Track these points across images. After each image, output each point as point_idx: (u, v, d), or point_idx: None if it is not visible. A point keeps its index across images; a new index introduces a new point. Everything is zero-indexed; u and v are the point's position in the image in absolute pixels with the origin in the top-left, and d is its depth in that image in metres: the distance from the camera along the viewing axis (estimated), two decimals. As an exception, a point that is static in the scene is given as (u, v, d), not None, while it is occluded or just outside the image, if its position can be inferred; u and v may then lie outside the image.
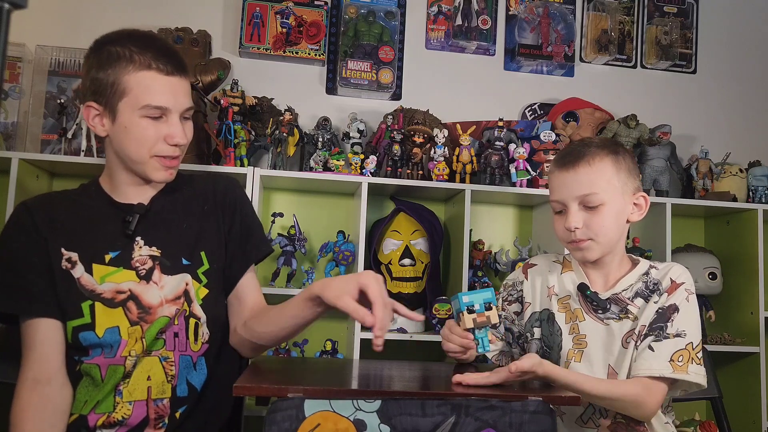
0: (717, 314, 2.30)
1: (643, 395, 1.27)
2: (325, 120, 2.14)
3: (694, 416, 2.18)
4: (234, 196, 1.44)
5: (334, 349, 2.03)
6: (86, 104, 1.31)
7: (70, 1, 2.25)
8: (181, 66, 1.33)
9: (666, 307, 1.34)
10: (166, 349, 1.30)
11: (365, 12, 2.32)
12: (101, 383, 1.28)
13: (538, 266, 1.51)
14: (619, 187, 1.36)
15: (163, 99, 1.28)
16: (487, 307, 1.24)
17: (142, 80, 1.27)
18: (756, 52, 2.67)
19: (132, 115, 1.28)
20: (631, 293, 1.38)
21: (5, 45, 0.58)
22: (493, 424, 1.00)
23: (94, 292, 1.29)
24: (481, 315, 1.24)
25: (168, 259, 1.33)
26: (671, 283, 1.36)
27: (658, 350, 1.30)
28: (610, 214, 1.35)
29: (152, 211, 1.36)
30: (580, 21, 2.54)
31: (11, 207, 1.84)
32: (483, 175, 2.15)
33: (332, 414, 0.97)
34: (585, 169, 1.35)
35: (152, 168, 1.32)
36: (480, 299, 1.25)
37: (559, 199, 1.39)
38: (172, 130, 1.30)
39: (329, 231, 2.19)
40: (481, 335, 1.25)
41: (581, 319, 1.40)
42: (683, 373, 1.28)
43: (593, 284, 1.42)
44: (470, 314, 1.24)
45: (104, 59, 1.28)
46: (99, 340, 1.27)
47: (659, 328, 1.32)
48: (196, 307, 1.34)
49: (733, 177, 2.32)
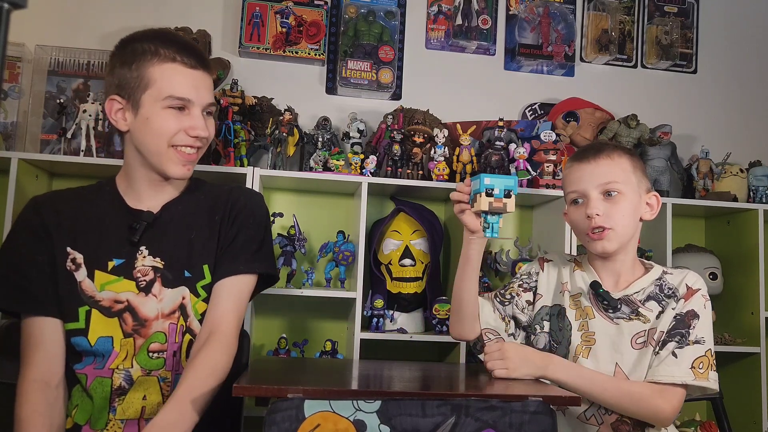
0: (717, 314, 2.29)
1: (656, 399, 1.29)
2: (325, 120, 2.14)
3: (695, 416, 2.18)
4: (244, 205, 1.39)
5: (334, 349, 2.03)
6: (110, 98, 1.32)
7: (70, 1, 2.24)
8: (204, 62, 1.34)
9: (684, 314, 1.35)
10: (166, 369, 1.29)
11: (365, 12, 2.32)
12: (85, 393, 1.28)
13: (553, 261, 1.52)
14: (635, 183, 1.40)
15: (185, 91, 1.29)
16: (506, 194, 1.21)
17: (166, 72, 1.29)
18: (756, 52, 2.67)
19: (154, 105, 1.29)
20: (644, 296, 1.39)
21: (5, 45, 0.58)
22: (493, 424, 1.00)
23: (93, 299, 1.28)
24: (499, 200, 1.21)
25: (170, 272, 1.31)
26: (687, 290, 1.38)
27: (681, 357, 1.31)
28: (628, 206, 1.38)
29: (161, 220, 1.34)
30: (580, 21, 2.54)
31: (11, 207, 1.84)
32: (483, 175, 2.15)
33: (332, 414, 0.97)
34: (606, 161, 1.39)
35: (169, 160, 1.30)
36: (502, 184, 1.21)
37: (578, 188, 1.40)
38: (194, 123, 1.30)
39: (329, 231, 2.19)
40: (493, 220, 1.22)
41: (591, 317, 1.40)
42: (704, 380, 1.30)
43: (604, 284, 1.43)
44: (488, 197, 1.21)
45: (129, 55, 1.30)
46: (91, 348, 1.27)
47: (680, 335, 1.33)
48: (194, 322, 1.32)
49: (733, 177, 2.32)
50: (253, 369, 1.31)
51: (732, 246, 2.34)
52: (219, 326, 1.30)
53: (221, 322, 1.30)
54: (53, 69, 2.06)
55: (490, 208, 1.21)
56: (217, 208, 1.38)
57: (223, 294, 1.32)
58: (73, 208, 1.34)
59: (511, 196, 1.22)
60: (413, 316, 2.12)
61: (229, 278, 1.33)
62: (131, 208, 1.35)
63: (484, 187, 1.21)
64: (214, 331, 1.29)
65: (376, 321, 2.03)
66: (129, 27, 2.19)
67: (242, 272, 1.34)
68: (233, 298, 1.33)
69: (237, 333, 1.33)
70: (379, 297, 2.03)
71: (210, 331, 1.29)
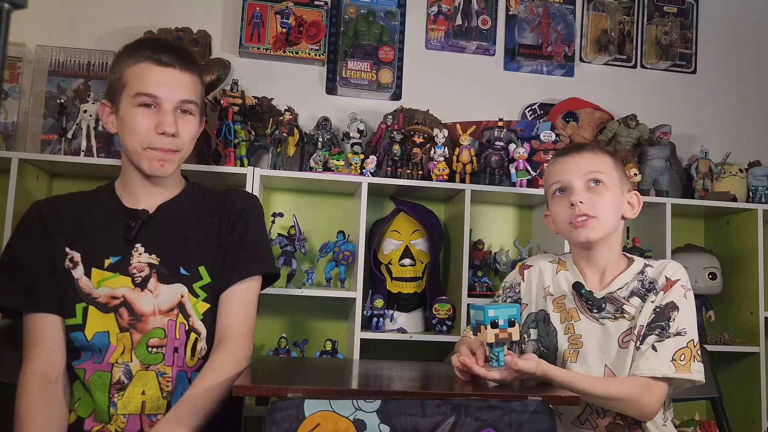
0: (717, 314, 2.30)
1: (641, 394, 1.28)
2: (325, 120, 2.14)
3: (694, 416, 2.18)
4: (242, 207, 1.42)
5: (334, 349, 2.03)
6: (101, 102, 1.38)
7: (70, 1, 2.24)
8: (182, 60, 1.34)
9: (664, 306, 1.34)
10: (165, 365, 1.31)
11: (365, 12, 2.32)
12: (85, 388, 1.29)
13: (533, 267, 1.52)
14: (617, 179, 1.42)
15: (153, 88, 1.31)
16: (510, 323, 1.21)
17: (138, 71, 1.32)
18: (756, 52, 2.67)
19: (128, 105, 1.32)
20: (627, 292, 1.39)
21: (5, 45, 0.58)
22: (493, 423, 1.00)
23: (90, 296, 1.31)
24: (504, 331, 1.20)
25: (166, 268, 1.33)
26: (666, 281, 1.37)
27: (661, 350, 1.30)
28: (611, 198, 1.39)
29: (157, 218, 1.37)
30: (580, 21, 2.54)
31: (11, 207, 1.84)
32: (483, 175, 2.15)
33: (332, 414, 0.97)
34: (590, 154, 1.42)
35: (145, 159, 1.33)
36: (505, 315, 1.21)
37: (562, 178, 1.42)
38: (161, 119, 1.31)
39: (329, 231, 2.19)
40: (498, 350, 1.21)
41: (576, 319, 1.40)
42: (686, 372, 1.29)
43: (589, 283, 1.42)
44: (493, 329, 1.20)
45: (115, 61, 1.38)
46: (88, 342, 1.29)
47: (660, 327, 1.32)
48: (197, 321, 1.34)
49: (733, 177, 2.32)
50: (254, 369, 1.31)
51: (731, 246, 2.34)
52: (229, 332, 1.33)
53: (231, 327, 1.34)
54: (53, 69, 2.06)
55: (497, 339, 1.20)
56: (214, 209, 1.41)
57: (232, 300, 1.36)
58: (73, 211, 1.38)
59: (515, 325, 1.21)
60: (413, 315, 2.12)
61: (237, 284, 1.36)
62: (127, 208, 1.38)
63: (488, 320, 1.20)
64: (224, 338, 1.33)
65: (376, 321, 2.03)
66: (129, 27, 2.23)
67: (249, 275, 1.38)
68: (242, 304, 1.37)
69: (249, 336, 1.36)
70: (379, 297, 2.04)
71: (220, 338, 1.33)
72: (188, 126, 1.36)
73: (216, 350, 1.31)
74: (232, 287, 1.36)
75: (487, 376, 1.17)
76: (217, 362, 1.29)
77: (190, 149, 1.39)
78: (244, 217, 1.41)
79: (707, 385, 1.78)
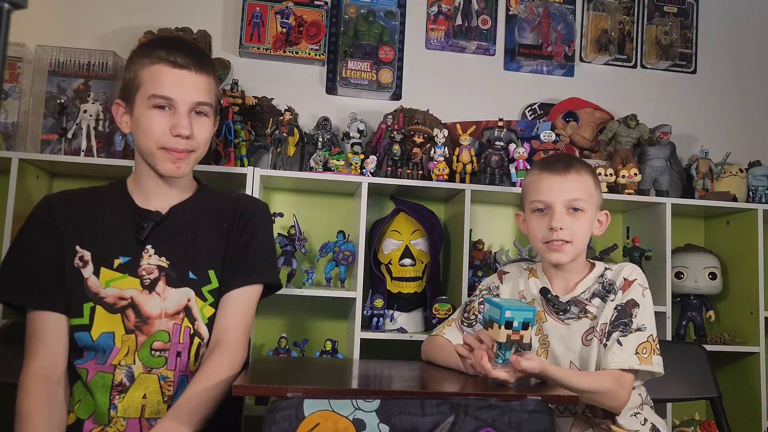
0: (717, 314, 2.30)
1: (616, 387, 1.35)
2: (325, 120, 2.14)
3: (694, 416, 2.18)
4: (252, 215, 1.43)
5: (334, 349, 2.03)
6: (115, 101, 1.38)
7: (70, 1, 2.24)
8: (198, 62, 1.34)
9: (624, 303, 1.44)
10: (167, 368, 1.30)
11: (365, 12, 2.32)
12: (86, 389, 1.29)
13: (510, 273, 1.63)
14: (595, 200, 1.51)
15: (168, 90, 1.31)
16: (524, 326, 1.21)
17: (153, 72, 1.31)
18: (756, 52, 2.67)
19: (143, 106, 1.32)
20: (589, 294, 1.48)
21: (5, 45, 0.58)
22: (492, 423, 1.00)
23: (98, 296, 1.30)
24: (516, 333, 1.20)
25: (175, 272, 1.33)
26: (624, 281, 1.47)
27: (625, 344, 1.38)
28: (587, 223, 1.48)
29: (169, 220, 1.37)
30: (580, 21, 2.54)
31: (11, 207, 1.84)
32: (483, 175, 2.15)
33: (332, 413, 0.97)
34: (575, 177, 1.48)
35: (160, 160, 1.33)
36: (521, 317, 1.20)
37: (545, 200, 1.48)
38: (176, 121, 1.31)
39: (329, 231, 2.19)
40: (506, 348, 1.21)
41: (544, 320, 1.50)
42: (648, 364, 1.38)
43: (555, 288, 1.52)
44: (507, 329, 1.20)
45: (129, 60, 1.37)
46: (93, 343, 1.28)
47: (623, 324, 1.41)
48: (201, 326, 1.34)
49: (733, 177, 2.32)
50: (254, 368, 1.31)
51: (731, 246, 2.34)
52: (226, 336, 1.33)
53: (228, 331, 1.33)
54: (54, 69, 2.06)
55: (508, 340, 1.19)
56: (225, 214, 1.42)
57: (232, 304, 1.36)
58: (84, 208, 1.37)
59: (528, 328, 1.21)
60: (413, 315, 2.12)
61: (238, 289, 1.36)
62: (140, 208, 1.37)
63: (504, 320, 1.19)
64: (221, 341, 1.32)
65: (376, 321, 2.03)
66: (129, 27, 2.23)
67: (251, 283, 1.38)
68: (241, 309, 1.36)
69: (244, 342, 1.35)
70: (379, 297, 2.04)
71: (216, 341, 1.33)
72: (203, 127, 1.36)
73: (212, 353, 1.31)
74: (232, 292, 1.36)
75: (490, 374, 1.20)
76: (213, 365, 1.28)
77: (205, 150, 1.39)
78: (253, 224, 1.42)
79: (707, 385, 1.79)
